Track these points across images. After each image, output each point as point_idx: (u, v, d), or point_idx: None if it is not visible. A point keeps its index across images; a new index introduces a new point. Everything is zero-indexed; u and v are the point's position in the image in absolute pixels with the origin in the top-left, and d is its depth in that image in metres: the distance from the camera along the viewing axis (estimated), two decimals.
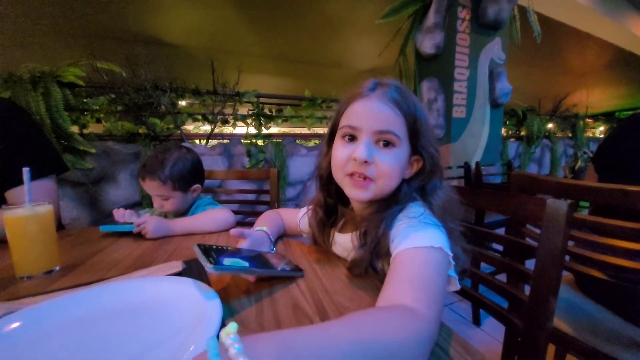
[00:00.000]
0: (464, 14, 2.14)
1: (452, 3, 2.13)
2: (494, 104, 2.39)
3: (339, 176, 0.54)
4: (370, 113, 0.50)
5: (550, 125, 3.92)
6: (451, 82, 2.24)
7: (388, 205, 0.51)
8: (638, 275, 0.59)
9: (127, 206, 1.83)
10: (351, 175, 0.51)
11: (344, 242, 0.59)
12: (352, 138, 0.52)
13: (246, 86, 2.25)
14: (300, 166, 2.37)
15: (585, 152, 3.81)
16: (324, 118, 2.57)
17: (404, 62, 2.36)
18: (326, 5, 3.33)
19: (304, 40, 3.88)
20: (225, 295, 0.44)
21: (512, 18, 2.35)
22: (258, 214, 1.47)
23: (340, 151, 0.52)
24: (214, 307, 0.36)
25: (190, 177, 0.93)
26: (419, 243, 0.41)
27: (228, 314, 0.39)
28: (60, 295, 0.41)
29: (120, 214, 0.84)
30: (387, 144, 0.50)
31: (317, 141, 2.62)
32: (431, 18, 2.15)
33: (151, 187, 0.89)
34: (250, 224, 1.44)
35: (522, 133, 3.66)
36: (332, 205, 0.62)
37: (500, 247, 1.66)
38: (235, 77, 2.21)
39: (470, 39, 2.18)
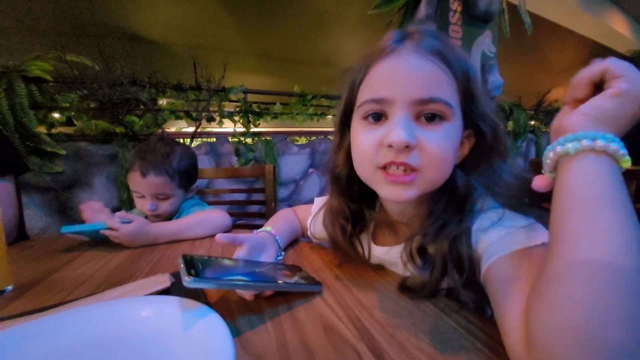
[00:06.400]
0: (455, 5, 2.10)
1: None
2: None
3: (365, 172, 0.39)
4: (404, 74, 0.35)
5: (532, 122, 3.99)
6: None
7: (446, 203, 0.38)
8: None
9: None
10: (384, 168, 0.36)
11: (387, 257, 0.45)
12: (379, 117, 0.36)
13: (232, 84, 2.12)
14: (292, 165, 2.26)
15: None
16: (315, 114, 2.47)
17: None
18: (313, 1, 3.25)
19: (290, 38, 3.78)
20: (231, 317, 0.33)
21: (501, 11, 2.35)
22: (250, 215, 1.36)
23: (364, 137, 0.37)
24: (221, 336, 0.26)
25: (194, 174, 0.86)
26: (528, 241, 0.30)
27: (239, 345, 0.29)
28: (3, 327, 0.30)
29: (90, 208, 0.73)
30: (433, 117, 0.35)
31: (306, 140, 2.52)
32: (423, 10, 2.10)
33: (153, 184, 0.75)
34: (244, 227, 1.32)
35: (509, 128, 3.69)
36: (357, 212, 0.47)
37: None
38: (220, 74, 2.07)
39: (463, 31, 2.14)
